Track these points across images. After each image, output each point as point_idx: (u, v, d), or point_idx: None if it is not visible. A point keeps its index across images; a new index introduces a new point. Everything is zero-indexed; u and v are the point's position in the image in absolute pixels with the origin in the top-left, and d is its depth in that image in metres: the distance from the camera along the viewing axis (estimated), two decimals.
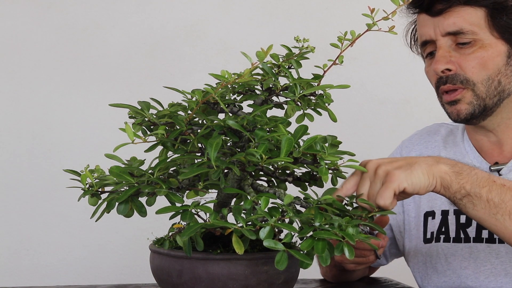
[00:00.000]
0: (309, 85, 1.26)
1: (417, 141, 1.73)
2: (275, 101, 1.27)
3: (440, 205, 1.61)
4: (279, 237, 1.17)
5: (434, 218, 1.61)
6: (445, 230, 1.59)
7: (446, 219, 1.59)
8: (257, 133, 1.18)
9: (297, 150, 1.18)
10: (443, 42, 1.51)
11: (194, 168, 1.17)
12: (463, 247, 1.55)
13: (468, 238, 1.55)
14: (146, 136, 1.20)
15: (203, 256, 1.17)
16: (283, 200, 1.15)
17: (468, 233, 1.56)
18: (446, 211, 1.60)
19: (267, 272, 1.18)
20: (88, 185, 1.20)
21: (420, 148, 1.71)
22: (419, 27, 1.58)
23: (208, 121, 1.21)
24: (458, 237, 1.57)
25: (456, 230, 1.57)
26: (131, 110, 1.25)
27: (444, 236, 1.59)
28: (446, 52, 1.51)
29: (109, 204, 1.19)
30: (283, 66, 1.26)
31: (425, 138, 1.73)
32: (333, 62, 1.27)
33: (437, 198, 1.62)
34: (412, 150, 1.72)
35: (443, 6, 1.50)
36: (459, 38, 1.50)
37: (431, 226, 1.62)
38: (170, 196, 1.17)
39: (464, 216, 1.56)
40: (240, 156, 1.16)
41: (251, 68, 1.15)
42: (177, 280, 1.19)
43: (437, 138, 1.70)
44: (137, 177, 1.19)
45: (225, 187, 1.20)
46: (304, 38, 1.28)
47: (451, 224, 1.58)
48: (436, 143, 1.69)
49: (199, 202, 1.16)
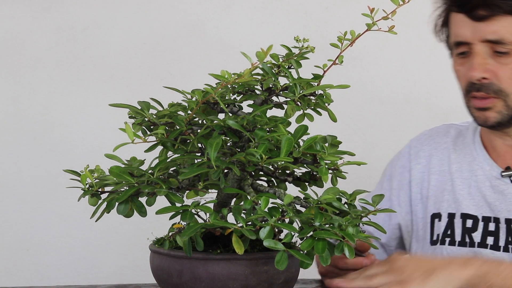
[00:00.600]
0: (309, 85, 1.26)
1: (427, 141, 1.72)
2: (275, 101, 1.27)
3: (446, 207, 1.61)
4: (279, 237, 1.17)
5: (440, 220, 1.61)
6: (450, 233, 1.59)
7: (452, 222, 1.59)
8: (257, 133, 1.18)
9: (297, 150, 1.18)
10: (480, 48, 1.48)
11: (194, 168, 1.17)
12: (467, 251, 1.55)
13: (473, 243, 1.55)
14: (146, 136, 1.20)
15: (203, 256, 1.17)
16: (283, 200, 1.15)
17: (473, 237, 1.55)
18: (452, 214, 1.60)
19: (267, 272, 1.18)
20: (88, 185, 1.20)
21: (429, 149, 1.70)
22: (454, 26, 1.54)
23: (208, 121, 1.21)
24: (463, 241, 1.57)
25: (462, 234, 1.57)
26: (131, 110, 1.25)
27: (449, 239, 1.58)
28: (483, 59, 1.48)
29: (109, 204, 1.19)
30: (283, 66, 1.26)
31: (434, 139, 1.72)
32: (333, 62, 1.27)
33: (443, 201, 1.61)
34: (421, 151, 1.71)
35: (487, 13, 1.47)
36: (498, 47, 1.47)
37: (437, 228, 1.61)
38: (170, 196, 1.17)
39: (470, 221, 1.56)
40: (240, 156, 1.16)
41: (251, 68, 1.15)
42: (177, 280, 1.19)
43: (447, 140, 1.69)
44: (137, 177, 1.19)
45: (225, 187, 1.21)
46: (304, 38, 1.28)
47: (457, 227, 1.58)
48: (446, 145, 1.69)
49: (199, 202, 1.16)
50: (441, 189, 1.64)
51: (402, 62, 2.66)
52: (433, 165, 1.67)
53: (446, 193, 1.63)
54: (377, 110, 2.66)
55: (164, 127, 1.21)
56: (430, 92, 2.68)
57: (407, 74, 2.66)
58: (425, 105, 2.67)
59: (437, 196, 1.63)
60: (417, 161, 1.70)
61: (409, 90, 2.67)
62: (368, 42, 2.64)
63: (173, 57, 2.61)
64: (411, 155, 1.72)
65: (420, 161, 1.69)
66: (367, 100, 2.65)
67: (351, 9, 2.63)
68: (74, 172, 1.22)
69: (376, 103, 2.66)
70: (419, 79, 2.68)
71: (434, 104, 2.67)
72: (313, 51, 1.28)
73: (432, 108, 2.67)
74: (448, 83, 2.70)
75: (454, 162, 1.64)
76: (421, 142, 1.73)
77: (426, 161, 1.69)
